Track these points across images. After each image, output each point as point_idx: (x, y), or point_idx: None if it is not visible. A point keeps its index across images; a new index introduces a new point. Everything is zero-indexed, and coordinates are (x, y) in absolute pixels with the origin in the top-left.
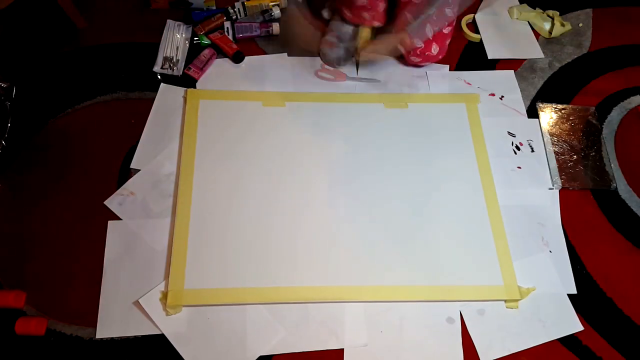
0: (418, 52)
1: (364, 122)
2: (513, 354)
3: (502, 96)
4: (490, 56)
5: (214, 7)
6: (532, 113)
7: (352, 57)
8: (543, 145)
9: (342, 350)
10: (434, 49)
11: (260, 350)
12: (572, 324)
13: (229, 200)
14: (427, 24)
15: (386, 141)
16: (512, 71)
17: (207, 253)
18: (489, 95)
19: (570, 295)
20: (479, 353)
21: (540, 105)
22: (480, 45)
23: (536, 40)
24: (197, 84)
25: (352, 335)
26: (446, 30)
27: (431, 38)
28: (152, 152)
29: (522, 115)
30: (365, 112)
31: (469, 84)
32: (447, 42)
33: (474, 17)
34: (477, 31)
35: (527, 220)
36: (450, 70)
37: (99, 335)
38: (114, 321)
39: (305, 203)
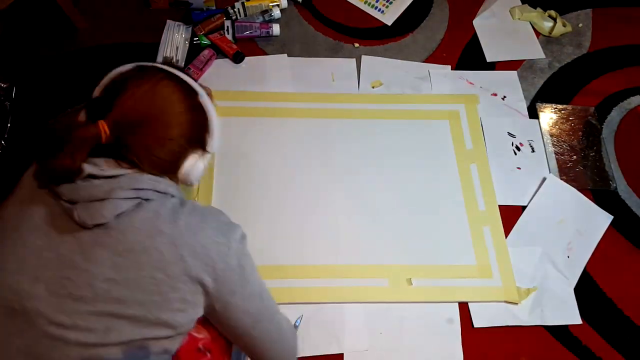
0: None
1: (363, 129)
2: (513, 353)
3: (504, 96)
4: (488, 59)
5: (214, 8)
6: (532, 113)
7: None
8: (543, 145)
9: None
10: None
11: None
12: (571, 316)
13: (228, 200)
14: None
15: (386, 149)
16: (515, 72)
17: None
18: (491, 95)
19: None
20: (472, 318)
21: (540, 105)
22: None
23: (537, 40)
24: None
25: (352, 339)
26: None
27: None
28: None
29: (523, 115)
30: (364, 121)
31: (471, 83)
32: None
33: None
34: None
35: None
36: (451, 69)
37: None
38: None
39: (307, 203)
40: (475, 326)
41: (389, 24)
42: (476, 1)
